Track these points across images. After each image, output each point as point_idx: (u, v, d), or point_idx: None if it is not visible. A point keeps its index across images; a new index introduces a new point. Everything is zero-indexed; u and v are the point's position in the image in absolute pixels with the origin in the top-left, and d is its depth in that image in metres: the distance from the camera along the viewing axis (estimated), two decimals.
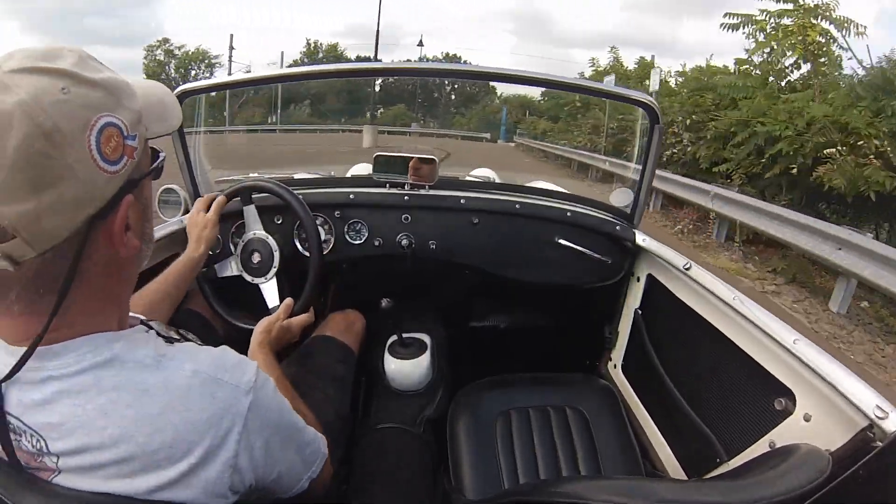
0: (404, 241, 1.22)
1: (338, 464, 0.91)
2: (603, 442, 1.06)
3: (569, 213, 1.23)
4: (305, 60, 29.02)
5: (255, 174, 1.42)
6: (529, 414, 1.10)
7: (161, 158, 0.48)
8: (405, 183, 1.25)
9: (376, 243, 1.23)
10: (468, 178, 1.94)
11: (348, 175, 2.09)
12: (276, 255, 1.10)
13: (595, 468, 1.02)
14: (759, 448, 0.76)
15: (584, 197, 1.36)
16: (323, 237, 1.21)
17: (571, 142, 12.59)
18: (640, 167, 1.20)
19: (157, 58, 29.33)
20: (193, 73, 28.61)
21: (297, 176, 1.75)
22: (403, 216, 1.23)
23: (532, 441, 1.06)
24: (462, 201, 1.23)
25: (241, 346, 0.73)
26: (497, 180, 1.99)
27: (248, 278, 1.10)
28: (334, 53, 30.17)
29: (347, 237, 1.23)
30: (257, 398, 0.48)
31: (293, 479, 0.57)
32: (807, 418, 0.68)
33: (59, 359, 0.42)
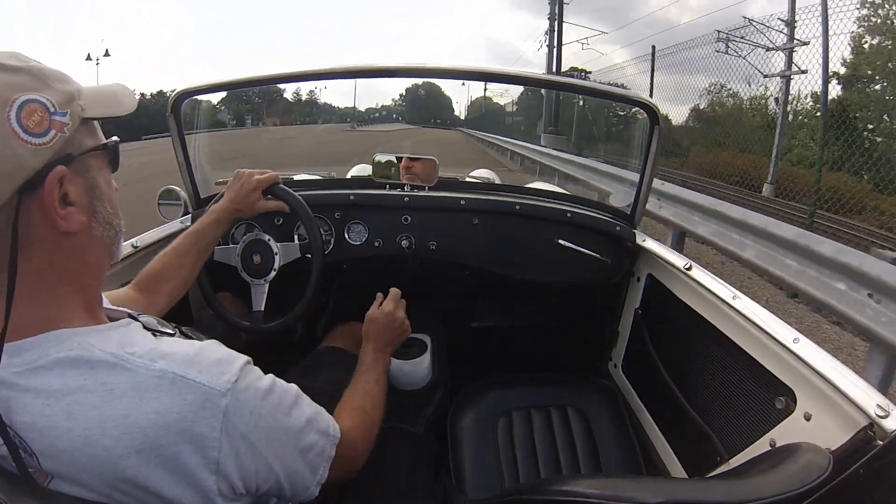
0: (404, 242, 1.22)
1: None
2: (604, 441, 1.06)
3: (569, 214, 1.23)
4: None
5: None
6: (530, 413, 1.10)
7: (113, 139, 0.50)
8: (405, 184, 1.25)
9: (376, 244, 1.23)
10: (468, 179, 1.95)
11: (348, 176, 2.09)
12: (277, 259, 1.10)
13: (596, 467, 1.02)
14: (759, 447, 0.76)
15: (584, 197, 1.36)
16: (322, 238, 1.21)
17: None
18: (640, 168, 1.20)
19: None
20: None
21: (296, 177, 1.75)
22: (403, 217, 1.23)
23: (533, 441, 1.06)
24: (462, 202, 1.23)
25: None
26: (497, 181, 2.00)
27: (244, 276, 1.10)
28: None
29: (347, 238, 1.23)
30: (239, 400, 0.46)
31: (298, 485, 0.54)
32: (807, 417, 0.68)
33: (20, 356, 0.42)
